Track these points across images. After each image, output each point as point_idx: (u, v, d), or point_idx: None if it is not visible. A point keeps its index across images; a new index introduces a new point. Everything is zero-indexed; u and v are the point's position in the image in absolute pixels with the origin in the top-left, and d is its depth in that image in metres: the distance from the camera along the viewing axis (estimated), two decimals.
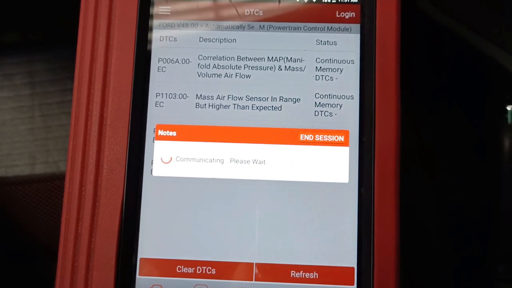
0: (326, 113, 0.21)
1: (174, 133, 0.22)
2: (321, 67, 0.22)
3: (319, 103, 0.22)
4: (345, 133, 0.21)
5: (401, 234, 0.20)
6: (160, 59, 0.22)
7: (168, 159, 0.21)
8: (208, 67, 0.22)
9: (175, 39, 0.22)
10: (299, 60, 0.22)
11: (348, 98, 0.22)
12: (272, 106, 0.22)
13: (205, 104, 0.22)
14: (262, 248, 0.21)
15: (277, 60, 0.22)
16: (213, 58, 0.22)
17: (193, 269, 0.21)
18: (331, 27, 0.22)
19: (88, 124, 0.22)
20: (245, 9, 0.22)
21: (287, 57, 0.22)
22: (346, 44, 0.22)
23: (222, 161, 0.21)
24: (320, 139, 0.21)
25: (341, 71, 0.22)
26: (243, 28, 0.22)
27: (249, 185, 0.21)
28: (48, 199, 0.33)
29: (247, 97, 0.22)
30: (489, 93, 0.32)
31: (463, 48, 0.30)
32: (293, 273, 0.21)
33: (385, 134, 0.21)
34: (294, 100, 0.22)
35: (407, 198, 0.22)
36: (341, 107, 0.22)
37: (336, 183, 0.21)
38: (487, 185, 0.31)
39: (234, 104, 0.22)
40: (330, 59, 0.22)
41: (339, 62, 0.22)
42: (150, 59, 0.22)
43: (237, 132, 0.21)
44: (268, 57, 0.22)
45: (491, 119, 0.31)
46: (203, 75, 0.22)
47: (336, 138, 0.21)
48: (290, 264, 0.21)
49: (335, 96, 0.22)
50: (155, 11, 0.22)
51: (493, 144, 0.30)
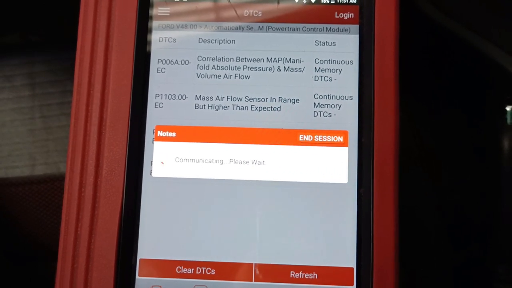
0: (325, 114, 0.21)
1: (174, 134, 0.22)
2: (320, 67, 0.22)
3: (318, 103, 0.22)
4: (344, 133, 0.21)
5: (401, 234, 0.20)
6: (160, 60, 0.22)
7: (167, 160, 0.21)
8: (207, 68, 0.22)
9: (174, 40, 0.22)
10: (298, 61, 0.22)
11: (347, 98, 0.22)
12: (271, 107, 0.22)
13: (204, 105, 0.22)
14: (262, 248, 0.21)
15: (276, 61, 0.22)
16: (212, 59, 0.22)
17: (193, 269, 0.21)
18: (330, 27, 0.22)
19: (87, 125, 0.22)
20: (244, 10, 0.22)
21: (286, 58, 0.22)
22: (345, 44, 0.22)
23: (221, 161, 0.21)
24: (319, 140, 0.21)
25: (340, 72, 0.22)
26: (242, 29, 0.22)
27: (248, 185, 0.21)
28: (48, 200, 0.33)
29: (246, 98, 0.22)
30: (488, 94, 0.32)
31: (463, 48, 0.30)
32: (292, 273, 0.21)
33: (384, 135, 0.21)
34: (293, 100, 0.22)
35: (406, 198, 0.22)
36: (340, 107, 0.22)
37: (335, 184, 0.21)
38: (487, 185, 0.31)
39: (234, 105, 0.22)
40: (329, 60, 0.22)
41: (338, 63, 0.22)
42: (150, 60, 0.22)
43: (237, 132, 0.22)
44: (267, 58, 0.22)
45: (491, 120, 0.31)
46: (202, 76, 0.22)
47: (335, 138, 0.21)
48: (289, 265, 0.21)
49: (334, 97, 0.22)
50: (154, 12, 0.22)
51: (493, 144, 0.30)
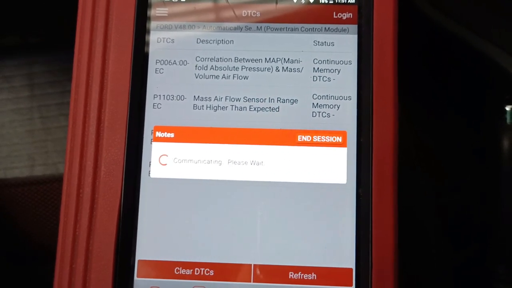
0: (324, 114, 0.21)
1: (172, 135, 0.22)
2: (318, 68, 0.22)
3: (317, 104, 0.22)
4: (342, 133, 0.21)
5: (401, 234, 0.20)
6: (158, 61, 0.22)
7: (165, 161, 0.21)
8: (205, 68, 0.22)
9: (172, 41, 0.22)
10: (296, 61, 0.22)
11: (345, 99, 0.22)
12: (270, 107, 0.22)
13: (202, 106, 0.22)
14: (260, 249, 0.21)
15: (274, 61, 0.22)
16: (210, 60, 0.22)
17: (191, 270, 0.21)
18: (329, 28, 0.22)
19: (85, 126, 0.22)
20: (243, 11, 0.22)
21: (284, 58, 0.22)
22: (344, 45, 0.22)
23: (220, 162, 0.21)
24: (318, 140, 0.21)
25: (338, 72, 0.22)
26: (241, 30, 0.22)
27: (247, 186, 0.21)
28: (47, 201, 0.33)
29: (245, 98, 0.22)
30: (488, 94, 0.32)
31: (462, 48, 0.29)
32: (291, 274, 0.21)
33: (383, 135, 0.21)
34: (291, 101, 0.22)
35: (406, 198, 0.22)
36: (338, 108, 0.21)
37: (334, 184, 0.21)
38: (487, 185, 0.31)
39: (232, 106, 0.22)
40: (328, 60, 0.22)
41: (337, 63, 0.22)
42: (148, 60, 0.22)
43: (235, 133, 0.21)
44: (266, 58, 0.22)
45: (490, 120, 0.31)
46: (200, 76, 0.22)
47: (334, 139, 0.21)
48: (288, 265, 0.21)
49: (332, 97, 0.22)
50: (152, 13, 0.22)
51: (492, 144, 0.30)
